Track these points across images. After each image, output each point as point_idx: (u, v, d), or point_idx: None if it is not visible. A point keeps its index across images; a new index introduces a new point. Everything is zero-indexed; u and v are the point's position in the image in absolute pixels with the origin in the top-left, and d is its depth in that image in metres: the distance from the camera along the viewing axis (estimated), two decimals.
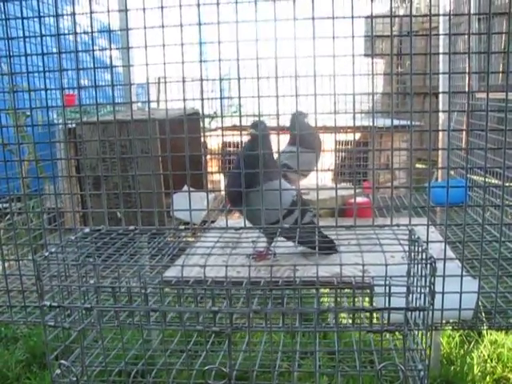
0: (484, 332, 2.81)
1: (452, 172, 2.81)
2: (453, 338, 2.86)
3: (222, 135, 1.56)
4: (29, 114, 2.14)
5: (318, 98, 1.42)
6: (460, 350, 2.76)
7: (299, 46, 1.37)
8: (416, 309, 1.10)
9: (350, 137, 3.47)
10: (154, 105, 3.25)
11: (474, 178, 2.42)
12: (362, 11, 1.49)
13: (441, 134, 2.70)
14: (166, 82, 1.49)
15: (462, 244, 1.38)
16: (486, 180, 1.40)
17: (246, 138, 1.82)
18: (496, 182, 2.15)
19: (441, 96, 2.53)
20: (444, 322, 1.48)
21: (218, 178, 3.15)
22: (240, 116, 1.59)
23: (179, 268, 1.24)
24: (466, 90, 1.30)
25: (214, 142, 3.42)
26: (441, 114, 2.67)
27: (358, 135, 3.40)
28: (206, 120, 3.39)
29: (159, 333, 1.89)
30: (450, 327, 1.59)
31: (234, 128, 3.19)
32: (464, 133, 2.58)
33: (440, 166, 2.75)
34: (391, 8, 1.32)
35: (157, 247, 1.57)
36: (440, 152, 2.78)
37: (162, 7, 1.30)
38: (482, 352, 2.70)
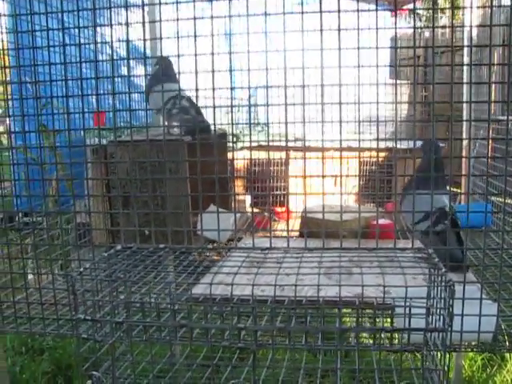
0: (507, 356, 2.79)
1: (476, 196, 2.82)
2: (475, 361, 2.84)
3: (251, 158, 1.60)
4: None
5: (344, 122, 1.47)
6: (482, 374, 2.74)
7: (326, 74, 1.42)
8: (434, 329, 1.13)
9: (374, 158, 3.50)
10: None
11: (499, 202, 2.43)
12: (386, 34, 1.53)
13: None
14: (198, 107, 1.56)
15: (481, 267, 1.40)
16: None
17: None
18: None
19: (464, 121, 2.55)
20: (465, 343, 1.49)
21: (243, 198, 3.19)
22: (268, 136, 1.65)
23: (206, 286, 1.29)
24: (488, 118, 1.33)
25: (240, 162, 3.48)
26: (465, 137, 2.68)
27: (382, 157, 3.43)
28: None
29: (183, 348, 1.94)
30: (469, 349, 1.60)
31: (259, 148, 3.24)
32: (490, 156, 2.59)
33: (462, 191, 2.76)
34: (414, 37, 1.37)
35: (184, 265, 1.62)
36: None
37: (195, 36, 1.36)
38: (504, 377, 2.69)
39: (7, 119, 1.72)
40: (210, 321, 1.30)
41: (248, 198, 3.07)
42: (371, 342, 1.24)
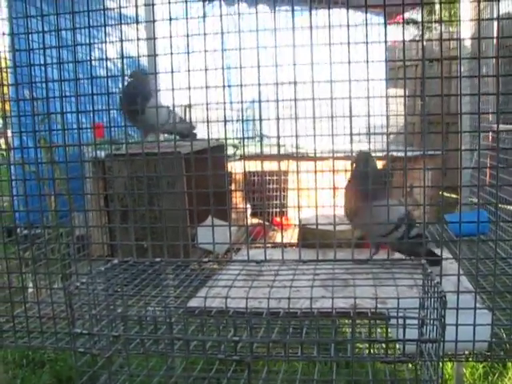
0: (509, 364, 2.79)
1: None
2: (476, 369, 2.84)
3: (244, 169, 1.62)
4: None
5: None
6: (484, 382, 2.74)
7: (322, 87, 1.44)
8: (427, 340, 1.14)
9: None
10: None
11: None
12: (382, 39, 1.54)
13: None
14: (191, 123, 1.57)
15: (475, 276, 1.41)
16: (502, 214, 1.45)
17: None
18: None
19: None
20: (461, 353, 1.50)
21: (241, 209, 3.20)
22: (262, 147, 1.67)
23: (202, 299, 1.30)
24: (478, 128, 1.35)
25: (238, 172, 3.49)
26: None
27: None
28: (231, 150, 3.47)
29: (182, 360, 1.94)
30: (465, 359, 1.61)
31: (257, 158, 3.24)
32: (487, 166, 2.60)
33: (459, 199, 2.77)
34: (404, 50, 1.38)
35: (181, 278, 1.63)
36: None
37: (187, 52, 1.38)
38: None
39: (8, 134, 1.74)
40: (207, 333, 1.31)
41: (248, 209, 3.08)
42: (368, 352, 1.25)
